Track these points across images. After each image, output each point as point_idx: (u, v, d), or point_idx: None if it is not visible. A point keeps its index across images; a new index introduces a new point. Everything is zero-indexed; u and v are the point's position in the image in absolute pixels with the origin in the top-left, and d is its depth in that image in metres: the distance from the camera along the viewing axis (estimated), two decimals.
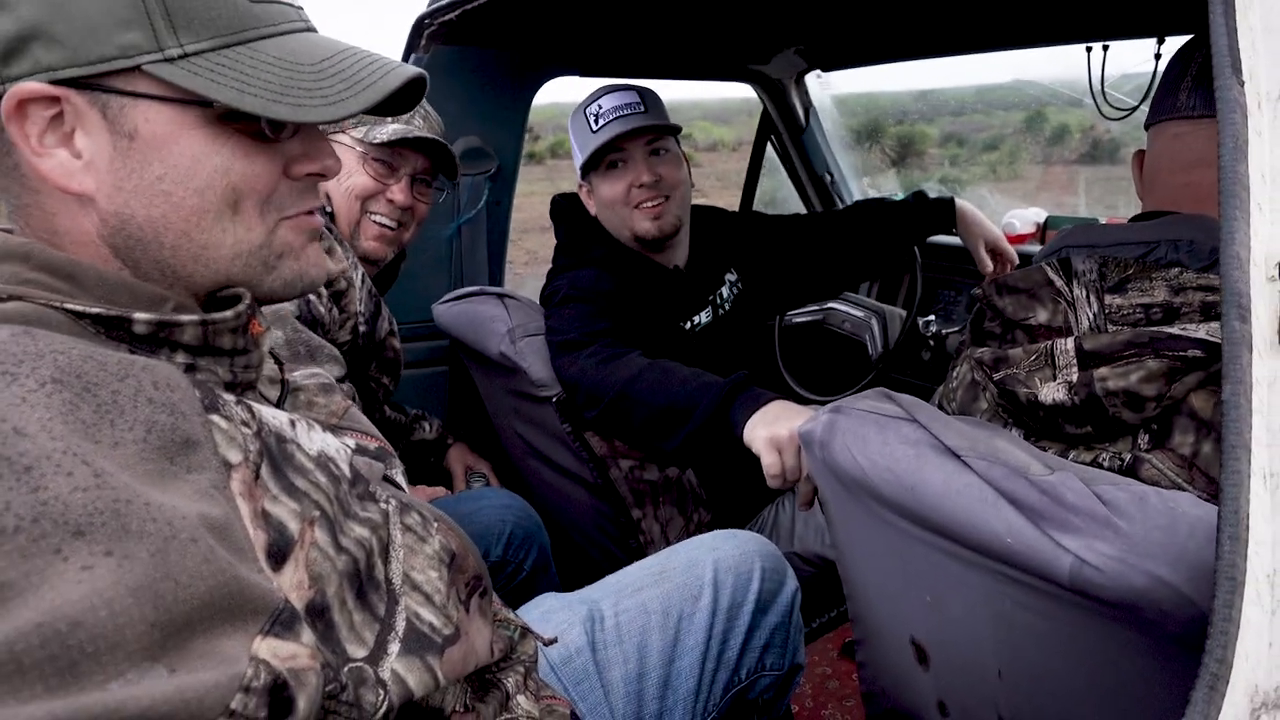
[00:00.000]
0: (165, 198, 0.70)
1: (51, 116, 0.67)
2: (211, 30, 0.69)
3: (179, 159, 0.70)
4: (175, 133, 0.69)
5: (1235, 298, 0.65)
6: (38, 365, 0.57)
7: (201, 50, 0.69)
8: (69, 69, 0.66)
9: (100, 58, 0.66)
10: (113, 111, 0.68)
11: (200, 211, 0.72)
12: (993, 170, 16.94)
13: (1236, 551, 0.62)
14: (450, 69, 2.18)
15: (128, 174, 0.69)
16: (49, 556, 0.48)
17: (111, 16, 0.66)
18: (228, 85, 0.68)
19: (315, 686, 0.57)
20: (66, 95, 0.66)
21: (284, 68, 0.71)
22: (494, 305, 1.95)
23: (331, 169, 0.80)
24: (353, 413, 0.94)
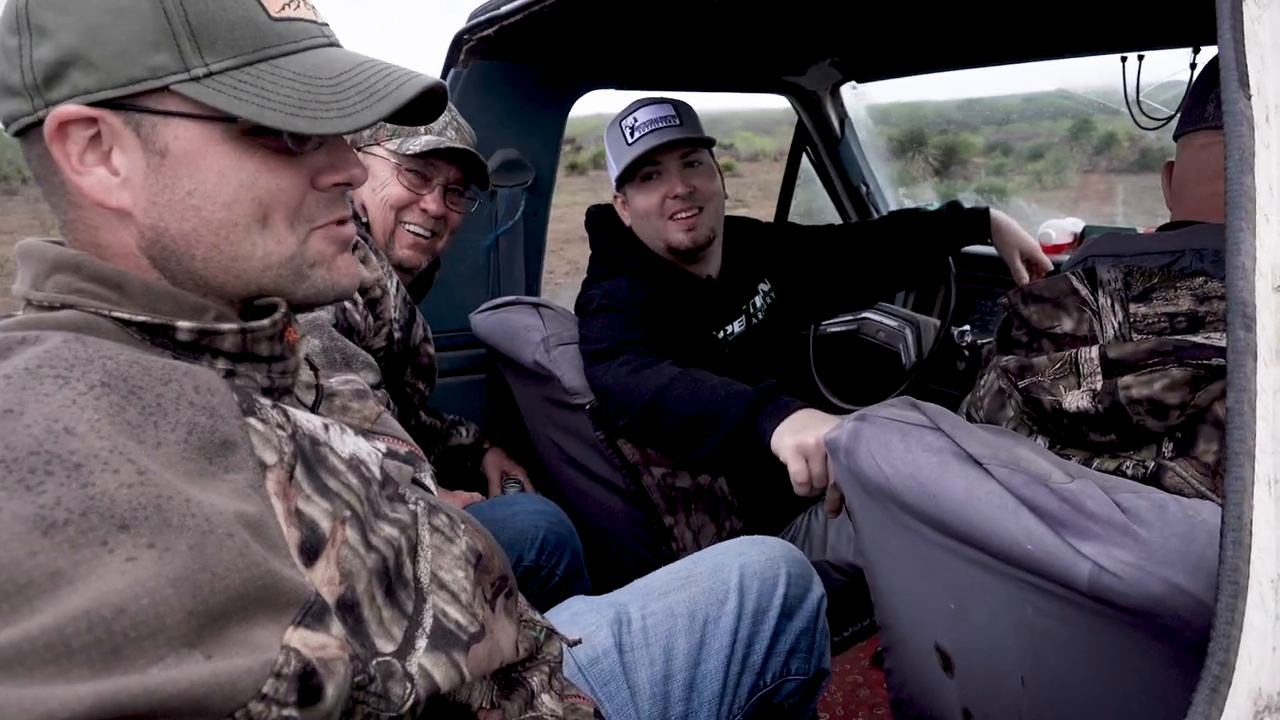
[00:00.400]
0: (195, 212, 0.74)
1: (90, 136, 0.72)
2: (234, 49, 0.72)
3: (207, 174, 0.73)
4: (203, 149, 0.73)
5: (1240, 307, 0.66)
6: (87, 370, 0.61)
7: (225, 69, 0.72)
8: (104, 91, 0.70)
9: (132, 79, 0.70)
10: (145, 130, 0.72)
11: (229, 225, 0.75)
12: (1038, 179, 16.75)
13: (1240, 556, 0.63)
14: (488, 83, 2.23)
15: (160, 189, 0.73)
16: (96, 548, 0.51)
17: (141, 40, 0.70)
18: (249, 101, 0.71)
19: (343, 676, 0.60)
20: (103, 116, 0.71)
21: (303, 83, 0.74)
22: (529, 314, 1.99)
23: (357, 178, 0.82)
24: (385, 418, 0.97)
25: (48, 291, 0.72)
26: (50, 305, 0.72)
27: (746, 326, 2.07)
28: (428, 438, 2.02)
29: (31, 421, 0.55)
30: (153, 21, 0.70)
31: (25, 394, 0.57)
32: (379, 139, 1.72)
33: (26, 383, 0.58)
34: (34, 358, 0.61)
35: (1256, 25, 0.72)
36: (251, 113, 0.71)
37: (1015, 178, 18.05)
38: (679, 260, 1.97)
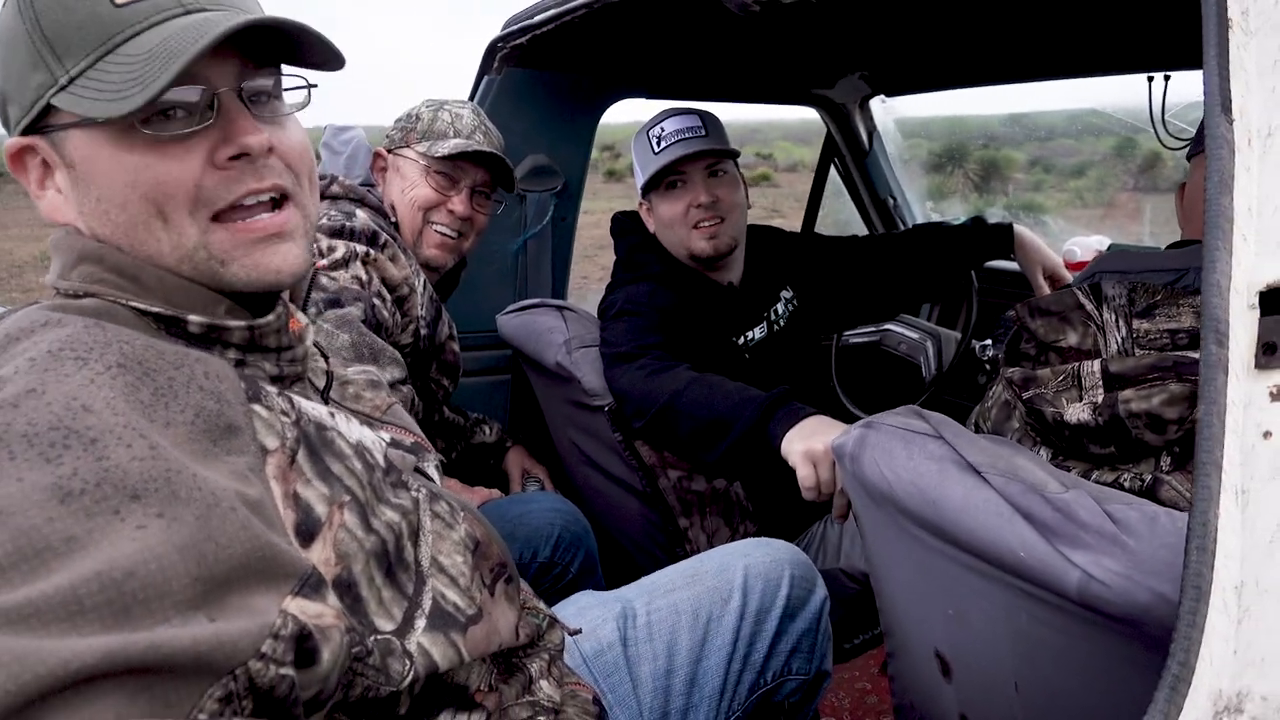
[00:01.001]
0: (104, 217, 0.77)
1: (40, 163, 0.78)
2: (85, 47, 0.73)
3: (102, 177, 0.76)
4: (95, 153, 0.75)
5: (1213, 323, 0.69)
6: (105, 352, 0.66)
7: (84, 69, 0.73)
8: (23, 120, 0.76)
9: (31, 103, 0.75)
10: (60, 146, 0.77)
11: (129, 225, 0.76)
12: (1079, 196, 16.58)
13: (1203, 562, 0.66)
14: (520, 90, 2.28)
15: (81, 200, 0.78)
16: (109, 516, 0.56)
17: (25, 65, 0.74)
18: (87, 97, 0.72)
19: (338, 643, 0.64)
20: (33, 143, 0.77)
21: (130, 63, 0.72)
22: (553, 317, 2.04)
23: (249, 145, 0.78)
24: (395, 410, 1.02)
25: (73, 281, 0.77)
26: (75, 293, 0.77)
27: (768, 333, 2.10)
28: (450, 433, 2.07)
29: (52, 399, 0.60)
30: (26, 45, 0.74)
31: (47, 375, 0.62)
32: (409, 142, 1.78)
33: (49, 364, 0.63)
34: (56, 340, 0.66)
35: (1242, 51, 0.74)
36: (85, 108, 0.72)
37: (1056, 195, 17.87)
38: (701, 267, 2.01)
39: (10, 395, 0.60)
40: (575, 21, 1.86)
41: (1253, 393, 0.68)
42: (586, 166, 2.53)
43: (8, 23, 0.75)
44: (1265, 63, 0.74)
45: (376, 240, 1.59)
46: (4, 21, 0.76)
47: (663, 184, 1.95)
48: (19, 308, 0.76)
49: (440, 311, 1.80)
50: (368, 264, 1.55)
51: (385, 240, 1.61)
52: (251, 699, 0.55)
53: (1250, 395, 0.68)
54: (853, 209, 3.19)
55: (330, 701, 0.66)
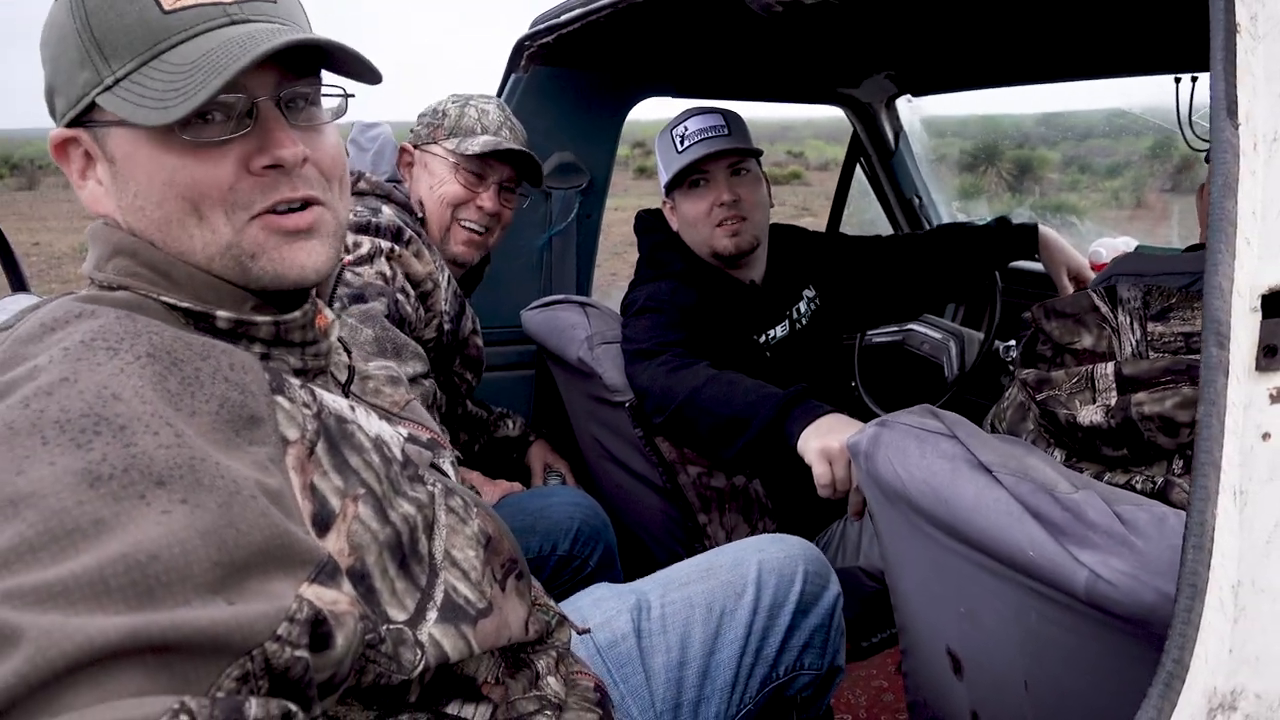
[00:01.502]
0: (140, 212, 0.80)
1: (84, 154, 0.81)
2: (131, 51, 0.76)
3: (140, 175, 0.78)
4: (135, 151, 0.78)
5: (1214, 325, 0.69)
6: (135, 343, 0.68)
7: (129, 72, 0.76)
8: (69, 113, 0.79)
9: (77, 99, 0.78)
10: (102, 141, 0.80)
11: (164, 221, 0.79)
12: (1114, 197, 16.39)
13: (1200, 561, 0.67)
14: (547, 88, 2.30)
15: (119, 194, 0.81)
16: (135, 501, 0.58)
17: (73, 62, 0.77)
18: (130, 101, 0.75)
19: (352, 630, 0.66)
20: (77, 135, 0.80)
21: (174, 73, 0.75)
22: (576, 313, 2.06)
23: (283, 158, 0.80)
24: (413, 406, 1.04)
25: (108, 273, 0.80)
26: (109, 285, 0.80)
27: (790, 331, 2.11)
28: (472, 427, 2.09)
29: (85, 388, 0.63)
30: (75, 42, 0.77)
31: (80, 364, 0.65)
32: (436, 138, 1.80)
33: (81, 354, 0.66)
34: (89, 331, 0.69)
35: (1250, 56, 0.75)
36: (127, 112, 0.75)
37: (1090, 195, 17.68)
38: (724, 265, 2.02)
39: (45, 383, 0.63)
40: (601, 21, 1.88)
41: (1253, 394, 0.69)
42: (612, 164, 2.55)
43: (59, 19, 0.78)
44: (1273, 67, 0.74)
45: (401, 236, 1.62)
46: (56, 17, 0.79)
47: (686, 182, 1.97)
48: (54, 297, 0.79)
49: (464, 307, 1.82)
50: (392, 260, 1.58)
51: (410, 236, 1.63)
52: (268, 679, 0.57)
53: (1250, 397, 0.69)
54: (879, 208, 3.19)
55: (343, 685, 0.68)
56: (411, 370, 1.43)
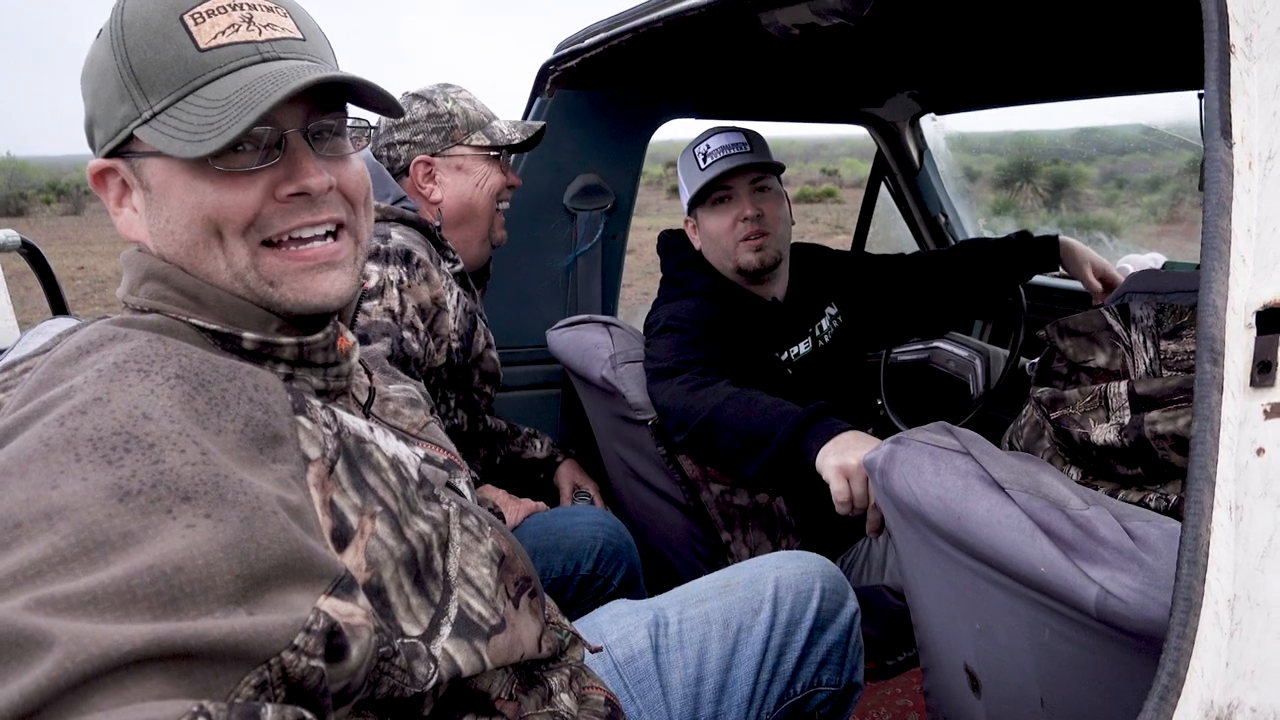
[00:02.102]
0: (170, 237, 0.84)
1: (120, 183, 0.86)
2: (169, 87, 0.80)
3: (173, 201, 0.83)
4: (169, 180, 0.83)
5: (1209, 342, 0.70)
6: (165, 365, 0.72)
7: (165, 106, 0.81)
8: (108, 145, 0.84)
9: (116, 131, 0.83)
10: (138, 170, 0.84)
11: (191, 245, 0.84)
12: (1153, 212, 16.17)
13: (1194, 575, 0.67)
14: (571, 110, 2.34)
15: (151, 220, 0.85)
16: (162, 515, 0.61)
17: (113, 96, 0.82)
18: (165, 133, 0.80)
19: (367, 642, 0.68)
20: (114, 165, 0.85)
21: (209, 107, 0.80)
22: (599, 332, 2.08)
23: (310, 188, 0.85)
24: (431, 428, 1.08)
25: (140, 297, 0.85)
26: (141, 309, 0.84)
27: (812, 349, 2.12)
28: (493, 440, 2.11)
29: (116, 408, 0.66)
30: (115, 78, 0.81)
31: (113, 385, 0.68)
32: (457, 139, 1.84)
33: (114, 375, 0.69)
34: (122, 353, 0.72)
35: (1245, 76, 0.76)
36: (164, 144, 0.79)
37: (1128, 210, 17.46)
38: (746, 282, 2.04)
39: (79, 403, 0.66)
40: (622, 45, 1.91)
41: (1248, 410, 0.69)
42: (637, 185, 2.58)
43: (100, 55, 0.83)
44: (1267, 87, 0.75)
45: (410, 260, 1.64)
46: (97, 54, 0.84)
47: (709, 199, 1.99)
48: (90, 321, 0.83)
49: (475, 323, 1.86)
50: (403, 290, 1.61)
51: (419, 260, 1.66)
52: (284, 688, 0.60)
53: (1245, 413, 0.69)
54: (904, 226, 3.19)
55: (356, 696, 0.70)
56: None
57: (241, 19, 0.83)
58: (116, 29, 0.81)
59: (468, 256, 1.89)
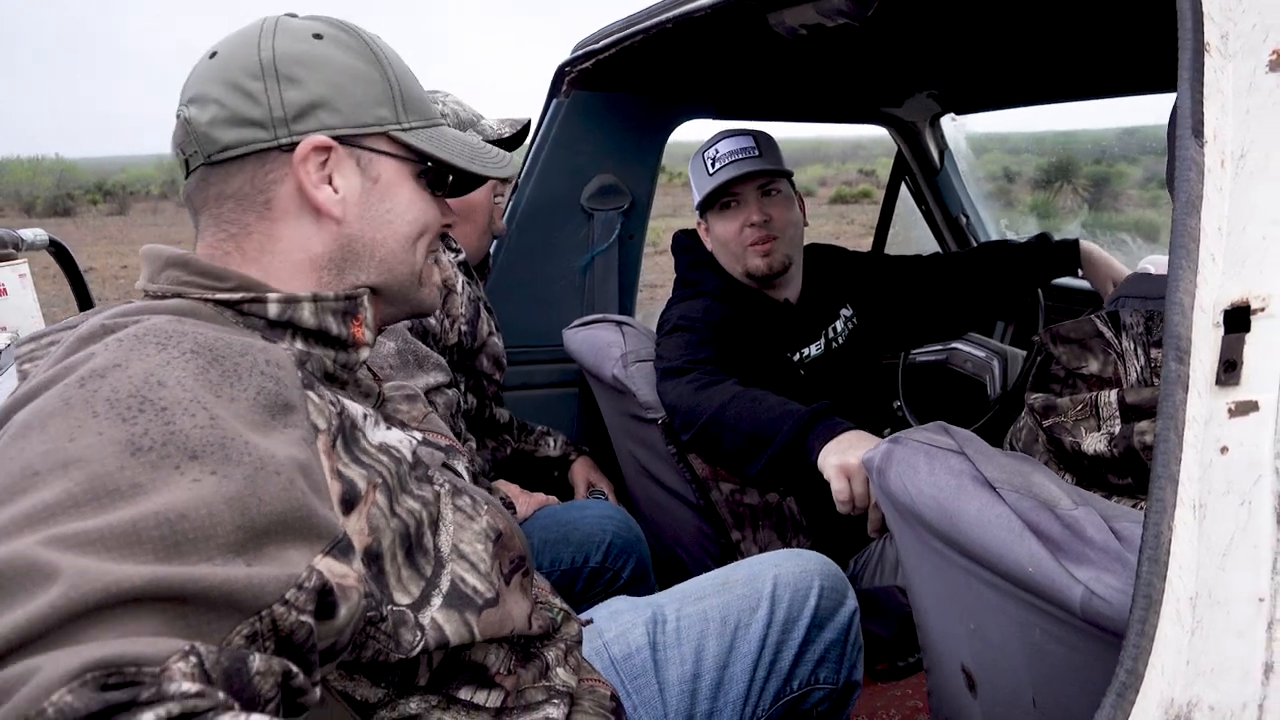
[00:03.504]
0: (389, 226, 0.98)
1: (322, 162, 0.93)
2: (420, 115, 0.99)
3: (399, 199, 0.98)
4: (399, 181, 0.98)
5: (1175, 340, 0.70)
6: (182, 340, 0.76)
7: (417, 126, 0.99)
8: (343, 129, 0.94)
9: (363, 123, 0.95)
10: (364, 162, 0.96)
11: (404, 237, 0.99)
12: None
13: (1155, 573, 0.67)
14: (587, 112, 2.36)
15: (368, 206, 0.97)
16: (170, 470, 0.65)
17: (372, 98, 0.96)
18: (433, 149, 0.99)
19: (356, 604, 0.71)
20: (336, 147, 0.93)
21: (464, 144, 1.03)
22: (612, 331, 2.10)
23: (453, 224, 1.05)
24: (431, 418, 1.12)
25: (160, 284, 0.89)
26: (162, 295, 0.89)
27: (825, 350, 2.12)
28: (499, 430, 2.14)
29: (134, 373, 0.70)
30: (381, 87, 0.96)
31: (132, 353, 0.72)
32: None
33: (134, 346, 0.73)
34: (142, 329, 0.76)
35: (1220, 75, 0.76)
36: (446, 156, 0.99)
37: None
38: (757, 285, 2.04)
39: (99, 366, 0.71)
40: (635, 46, 1.93)
41: (1213, 409, 0.69)
42: (654, 185, 2.59)
43: (349, 60, 0.96)
44: (1241, 85, 0.75)
45: None
46: (341, 57, 0.95)
47: (717, 204, 2.01)
48: (112, 304, 0.87)
49: (480, 309, 1.91)
50: None
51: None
52: (274, 640, 0.63)
53: (1211, 411, 0.69)
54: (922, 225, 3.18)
55: (341, 655, 0.73)
56: (434, 380, 1.51)
57: None
58: (379, 51, 0.98)
59: (469, 249, 1.95)
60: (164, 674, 0.52)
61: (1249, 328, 0.69)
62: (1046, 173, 18.22)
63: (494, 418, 2.06)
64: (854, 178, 32.32)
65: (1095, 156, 19.62)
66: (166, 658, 0.52)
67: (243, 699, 0.56)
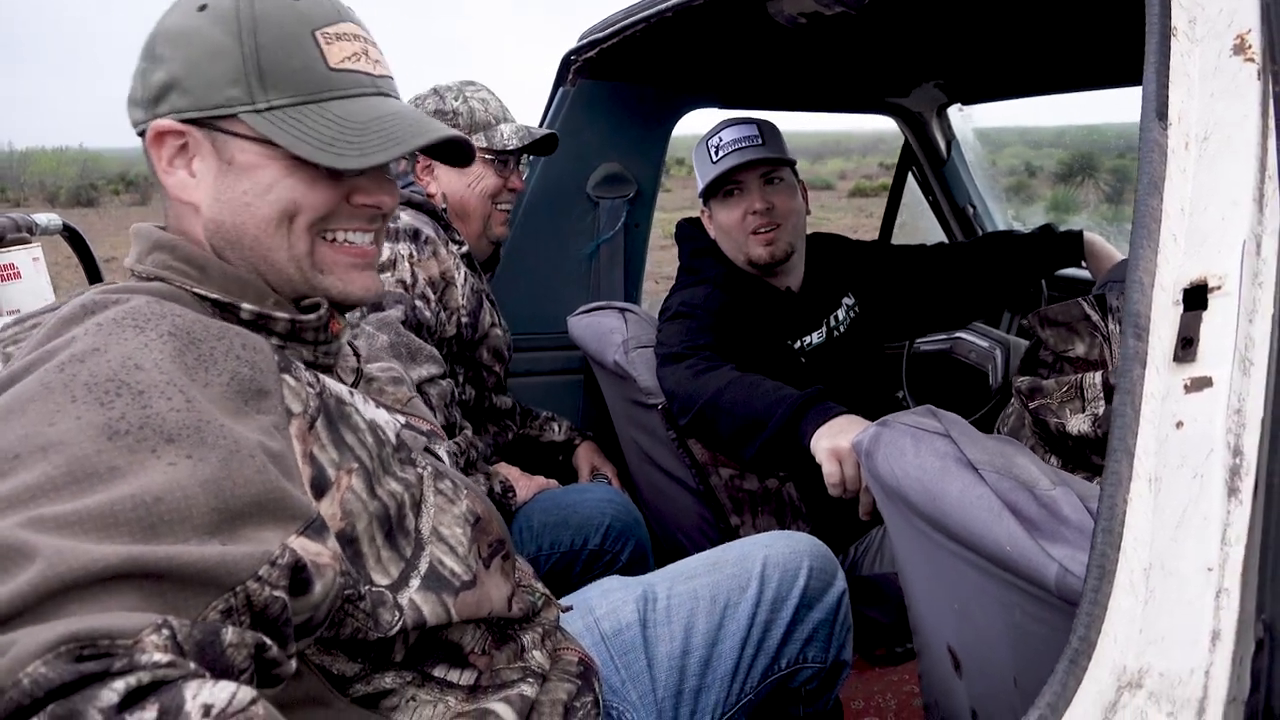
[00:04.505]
0: (248, 209, 0.91)
1: (180, 146, 0.91)
2: (292, 91, 0.89)
3: (258, 180, 0.90)
4: (260, 162, 0.90)
5: (1134, 318, 0.72)
6: (159, 323, 0.78)
7: (282, 105, 0.89)
8: (193, 112, 0.89)
9: (213, 105, 0.89)
10: (219, 144, 0.90)
11: (265, 220, 0.91)
12: None
13: (1109, 544, 0.69)
14: (592, 101, 2.38)
15: (223, 190, 0.91)
16: (146, 453, 0.67)
17: (224, 76, 0.88)
18: (289, 133, 0.88)
19: (331, 580, 0.74)
20: (190, 131, 0.90)
21: (339, 124, 0.89)
22: (615, 318, 2.12)
23: (385, 204, 0.97)
24: (414, 403, 1.14)
25: (147, 265, 0.91)
26: (147, 276, 0.91)
27: (827, 339, 2.13)
28: (500, 418, 2.15)
29: (112, 357, 0.72)
30: (233, 62, 0.88)
31: (110, 337, 0.74)
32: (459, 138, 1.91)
33: (112, 329, 0.75)
34: (121, 311, 0.78)
35: (1187, 59, 0.78)
36: (288, 143, 0.88)
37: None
38: (759, 273, 2.06)
39: (78, 351, 0.72)
40: (637, 35, 1.94)
41: (1170, 385, 0.71)
42: (659, 174, 2.61)
43: (209, 32, 0.89)
44: (1207, 69, 0.77)
45: (419, 238, 1.75)
46: (201, 27, 0.89)
47: (720, 192, 2.02)
48: (97, 286, 0.89)
49: (482, 301, 1.93)
50: (414, 264, 1.71)
51: (427, 237, 1.77)
52: (249, 615, 0.65)
53: (1168, 387, 0.71)
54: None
55: (318, 630, 0.76)
56: (427, 372, 1.53)
57: (360, 50, 0.94)
58: (246, 19, 0.88)
59: (472, 246, 1.96)
60: (137, 646, 0.54)
61: (1206, 305, 0.71)
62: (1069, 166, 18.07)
63: (494, 407, 2.08)
64: (874, 171, 32.14)
65: (1120, 150, 19.40)
66: (139, 630, 0.54)
67: (215, 670, 0.58)
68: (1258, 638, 0.63)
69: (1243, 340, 0.69)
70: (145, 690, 0.51)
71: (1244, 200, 0.71)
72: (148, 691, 0.51)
